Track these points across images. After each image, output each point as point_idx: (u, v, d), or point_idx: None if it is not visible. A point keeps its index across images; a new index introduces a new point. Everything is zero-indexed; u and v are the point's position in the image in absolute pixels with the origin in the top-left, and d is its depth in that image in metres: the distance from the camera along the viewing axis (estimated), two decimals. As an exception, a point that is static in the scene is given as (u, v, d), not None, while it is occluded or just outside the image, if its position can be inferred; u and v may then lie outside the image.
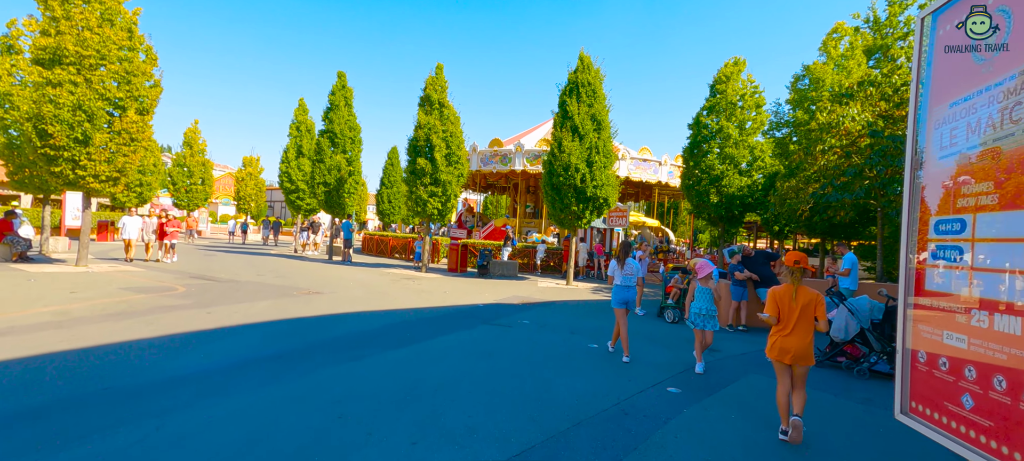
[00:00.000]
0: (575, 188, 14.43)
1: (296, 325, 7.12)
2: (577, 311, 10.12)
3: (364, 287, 11.73)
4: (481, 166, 22.61)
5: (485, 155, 22.45)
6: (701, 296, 5.56)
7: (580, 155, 14.27)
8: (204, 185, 28.74)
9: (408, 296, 10.79)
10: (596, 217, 15.06)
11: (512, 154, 21.87)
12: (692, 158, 15.18)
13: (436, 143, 15.42)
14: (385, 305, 9.40)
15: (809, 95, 16.90)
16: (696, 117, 15.31)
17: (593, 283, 16.20)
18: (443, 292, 11.84)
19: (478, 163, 22.62)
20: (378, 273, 15.33)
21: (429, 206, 15.68)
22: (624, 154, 21.80)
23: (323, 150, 18.06)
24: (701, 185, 14.67)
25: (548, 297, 12.05)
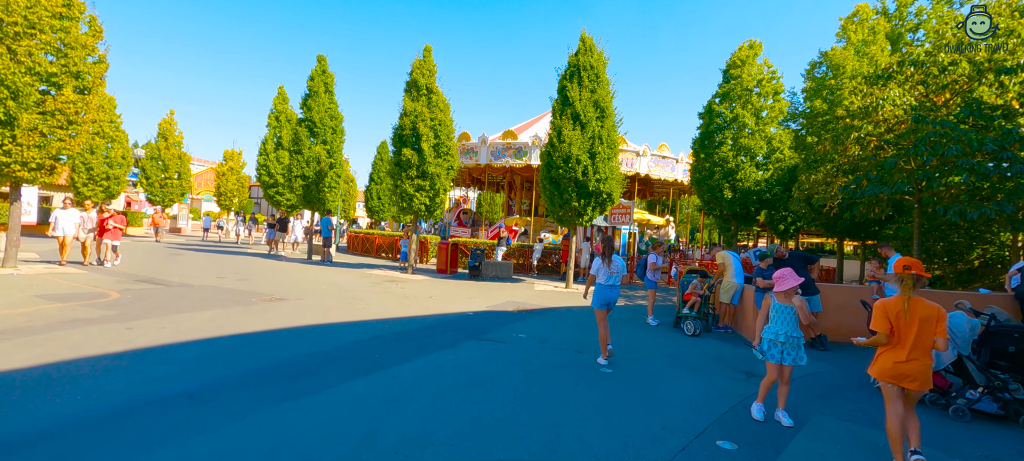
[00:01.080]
0: (576, 181, 13.09)
1: (237, 344, 5.72)
2: (581, 320, 8.79)
3: (338, 292, 10.33)
4: (491, 160, 21.08)
5: (496, 147, 20.88)
6: (782, 318, 4.22)
7: (581, 145, 12.94)
8: (180, 179, 27.13)
9: (387, 303, 9.40)
10: (598, 213, 13.74)
11: (528, 147, 20.33)
12: (703, 149, 13.90)
13: (423, 132, 14.02)
14: (356, 315, 8.01)
15: (827, 83, 15.67)
16: (708, 105, 14.02)
17: (594, 286, 14.88)
18: (428, 297, 10.46)
19: (488, 156, 21.09)
20: (358, 275, 13.91)
21: (416, 201, 14.28)
22: (645, 150, 20.52)
23: (301, 140, 16.58)
24: (713, 179, 13.40)
25: (546, 303, 10.71)
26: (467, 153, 21.47)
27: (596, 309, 5.65)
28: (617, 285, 5.59)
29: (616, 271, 5.58)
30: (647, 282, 9.12)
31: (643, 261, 9.27)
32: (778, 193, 12.83)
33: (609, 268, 5.59)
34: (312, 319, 7.38)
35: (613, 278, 5.57)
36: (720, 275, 8.58)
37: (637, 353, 6.54)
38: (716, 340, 7.77)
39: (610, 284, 5.56)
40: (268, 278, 11.68)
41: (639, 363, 5.99)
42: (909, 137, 9.00)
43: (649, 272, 9.07)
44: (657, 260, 9.05)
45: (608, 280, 5.56)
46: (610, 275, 5.57)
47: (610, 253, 5.62)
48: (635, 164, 20.64)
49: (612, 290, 5.57)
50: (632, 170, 20.39)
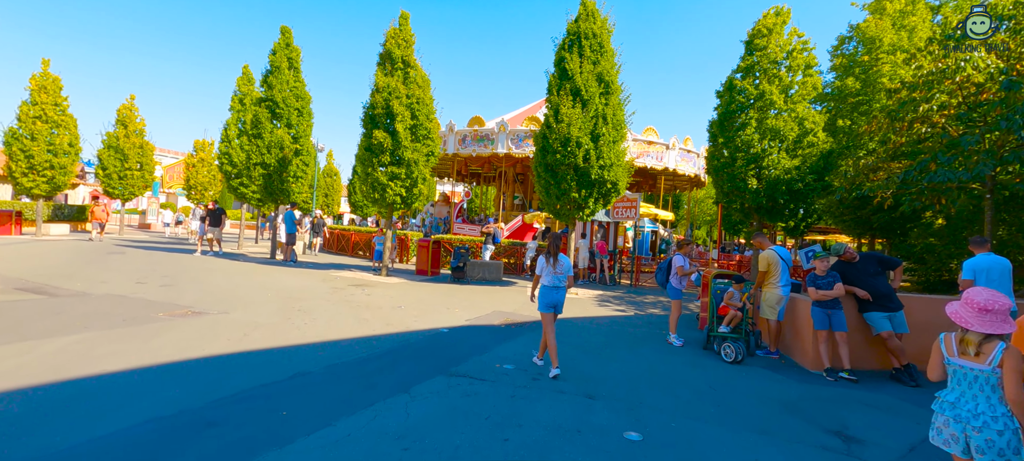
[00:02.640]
0: (576, 168, 11.17)
1: (53, 401, 3.74)
2: (586, 340, 6.88)
3: (281, 302, 8.34)
4: (458, 149, 19.20)
5: (464, 136, 19.02)
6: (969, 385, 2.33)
7: (583, 126, 11.01)
8: (143, 171, 24.88)
9: (339, 317, 7.44)
10: (602, 206, 11.84)
11: (495, 134, 18.43)
12: (722, 133, 12.01)
13: (398, 111, 12.02)
14: (287, 337, 6.04)
15: (860, 60, 13.86)
16: (727, 81, 12.13)
17: (596, 289, 12.99)
18: (396, 307, 8.50)
19: (455, 145, 19.21)
20: (320, 278, 11.91)
21: (389, 192, 12.29)
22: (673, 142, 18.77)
23: (261, 123, 14.51)
24: (734, 166, 11.52)
25: (541, 314, 8.79)
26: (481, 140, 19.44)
27: (542, 313, 5.17)
28: (562, 286, 5.18)
29: (562, 271, 5.16)
30: (671, 290, 7.22)
31: (666, 264, 7.34)
32: (811, 182, 10.98)
33: (554, 268, 5.13)
34: (219, 346, 5.39)
35: (558, 278, 5.15)
36: (762, 281, 6.69)
37: (672, 396, 4.63)
38: (767, 370, 5.89)
39: (555, 285, 5.13)
40: (202, 284, 9.65)
41: (679, 417, 4.08)
42: (998, 108, 7.15)
43: (674, 278, 7.18)
44: (684, 263, 7.15)
45: (553, 281, 5.13)
46: (555, 275, 5.13)
47: (556, 251, 5.17)
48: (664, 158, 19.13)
49: (558, 292, 5.15)
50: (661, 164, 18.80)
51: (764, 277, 6.64)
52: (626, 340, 7.18)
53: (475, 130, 18.79)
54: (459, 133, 18.98)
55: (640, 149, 19.06)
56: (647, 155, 19.23)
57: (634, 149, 18.84)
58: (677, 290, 7.18)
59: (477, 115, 19.34)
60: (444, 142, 19.39)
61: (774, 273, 6.56)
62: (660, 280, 7.29)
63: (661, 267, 7.29)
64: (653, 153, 19.34)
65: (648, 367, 5.72)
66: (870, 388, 5.29)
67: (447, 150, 19.09)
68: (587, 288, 13.21)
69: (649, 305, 10.97)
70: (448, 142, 19.17)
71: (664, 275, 7.26)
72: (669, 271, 7.22)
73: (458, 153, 19.05)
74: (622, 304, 10.84)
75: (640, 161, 19.19)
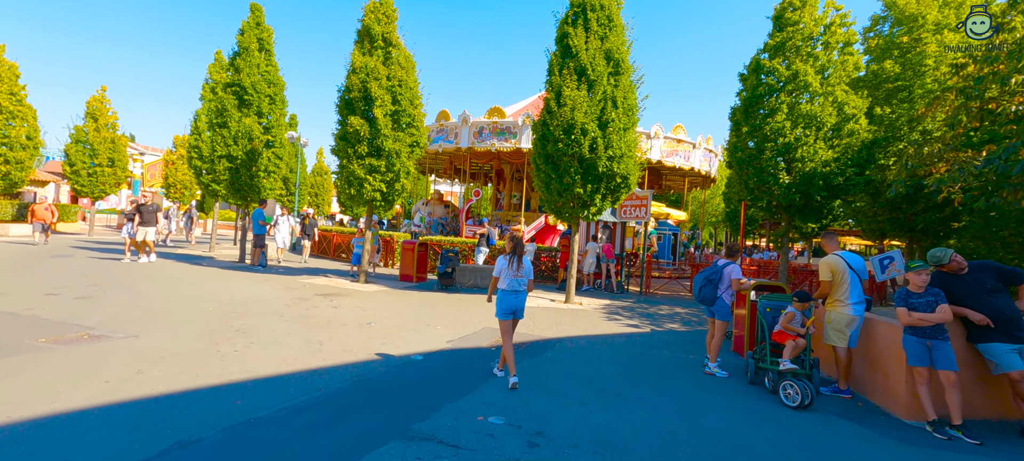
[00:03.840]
0: (581, 159, 9.66)
1: None
2: (596, 370, 5.36)
3: (219, 320, 6.79)
4: (474, 143, 17.48)
5: (481, 127, 17.31)
6: None
7: (589, 110, 9.50)
8: (115, 168, 23.28)
9: (287, 340, 5.90)
10: (610, 204, 10.34)
11: (518, 128, 16.74)
12: (747, 120, 10.52)
13: (376, 95, 10.49)
14: (202, 375, 4.50)
15: (898, 41, 12.39)
16: (753, 62, 10.64)
17: (602, 298, 11.47)
18: (364, 325, 6.97)
19: (470, 139, 17.51)
20: (285, 286, 10.37)
21: (367, 187, 10.75)
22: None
23: (226, 111, 12.94)
24: (762, 158, 10.02)
25: (541, 330, 7.26)
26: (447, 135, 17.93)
27: (500, 319, 4.84)
28: (522, 290, 4.86)
29: (523, 275, 4.83)
30: (721, 308, 5.70)
31: (714, 275, 5.76)
32: (851, 177, 9.47)
33: (516, 271, 4.79)
34: (86, 394, 3.86)
35: (518, 282, 4.82)
36: (825, 295, 5.17)
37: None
38: (847, 420, 4.37)
39: (514, 289, 4.80)
40: (132, 296, 8.10)
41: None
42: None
43: (727, 293, 5.65)
44: (738, 273, 5.62)
45: (511, 284, 4.79)
46: (515, 279, 4.80)
47: (519, 253, 4.82)
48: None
49: (518, 296, 4.83)
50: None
51: (828, 291, 5.11)
52: (649, 370, 5.66)
53: (495, 122, 17.16)
54: (475, 124, 17.22)
55: (670, 147, 17.68)
56: (676, 154, 17.89)
57: (664, 147, 17.43)
58: (728, 308, 5.67)
59: (496, 106, 17.66)
60: (457, 135, 17.82)
61: (842, 286, 5.03)
62: (705, 295, 5.76)
63: (708, 279, 5.75)
64: (681, 152, 18.04)
65: (686, 416, 4.20)
66: (1002, 455, 3.77)
67: (461, 144, 17.43)
68: (592, 297, 11.69)
69: (665, 318, 9.46)
70: (461, 135, 17.49)
71: (712, 289, 5.72)
72: (719, 284, 5.68)
73: (474, 147, 17.30)
74: (634, 317, 9.33)
75: (669, 160, 17.80)
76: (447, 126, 17.93)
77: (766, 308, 5.33)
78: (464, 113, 17.33)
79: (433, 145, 18.17)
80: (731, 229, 31.77)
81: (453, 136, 17.72)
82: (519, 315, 4.87)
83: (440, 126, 18.10)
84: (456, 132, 17.61)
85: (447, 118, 18.05)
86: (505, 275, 4.78)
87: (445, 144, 18.01)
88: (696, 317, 9.84)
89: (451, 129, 17.80)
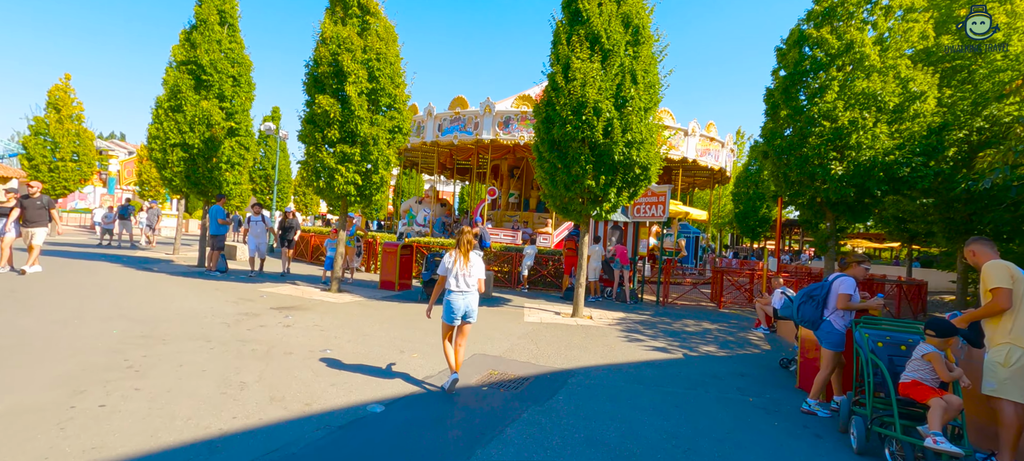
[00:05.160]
0: (593, 145, 8.03)
1: None
2: (636, 424, 3.73)
3: (109, 350, 5.10)
4: (438, 136, 15.96)
5: (444, 120, 15.78)
6: None
7: (604, 86, 7.86)
8: (79, 162, 21.53)
9: (192, 382, 4.23)
10: (626, 199, 8.70)
11: (479, 117, 15.18)
12: (787, 103, 8.94)
13: (350, 70, 8.83)
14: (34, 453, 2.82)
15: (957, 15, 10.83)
16: (793, 34, 9.08)
17: (614, 310, 9.82)
18: (315, 355, 5.30)
19: (434, 132, 15.98)
20: (237, 296, 8.68)
21: (338, 179, 9.09)
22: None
23: (181, 92, 11.24)
24: (806, 145, 8.43)
25: (547, 357, 5.60)
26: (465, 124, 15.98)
27: (448, 323, 4.30)
28: (472, 290, 4.31)
29: (473, 274, 4.31)
30: (829, 334, 4.11)
31: (814, 291, 4.13)
32: (919, 166, 7.88)
33: (466, 268, 4.27)
34: None
35: (468, 281, 4.27)
36: (988, 316, 3.51)
37: None
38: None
39: (462, 290, 4.26)
40: (18, 309, 6.41)
41: None
42: None
43: (836, 316, 4.04)
44: (848, 287, 4.00)
45: (463, 285, 4.26)
46: (464, 277, 4.26)
47: (466, 248, 4.30)
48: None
49: (466, 297, 4.28)
50: None
51: (993, 315, 3.42)
52: (703, 424, 4.01)
53: (524, 112, 15.54)
54: (501, 114, 15.48)
55: (703, 146, 16.20)
56: (708, 153, 16.46)
57: (698, 146, 15.90)
58: (840, 335, 4.04)
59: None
60: (477, 125, 16.15)
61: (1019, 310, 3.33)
62: (806, 315, 4.14)
63: (809, 295, 4.14)
64: (713, 151, 16.66)
65: None
66: None
67: (482, 135, 15.59)
68: (601, 308, 10.04)
69: (695, 337, 7.82)
70: (482, 124, 15.74)
71: (814, 308, 4.10)
72: (825, 303, 4.06)
73: (498, 138, 15.56)
74: (657, 336, 7.68)
75: (703, 160, 16.31)
76: (465, 115, 15.97)
77: (877, 341, 3.70)
78: (487, 100, 15.50)
79: (446, 136, 16.24)
80: (741, 230, 30.21)
81: (472, 126, 15.79)
82: (470, 318, 4.38)
83: (455, 114, 16.14)
84: (476, 121, 15.70)
85: (465, 105, 16.15)
86: (452, 276, 4.26)
87: (462, 135, 15.99)
88: (731, 335, 8.20)
89: (470, 118, 15.87)
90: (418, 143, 17.01)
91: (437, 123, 16.59)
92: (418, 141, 16.97)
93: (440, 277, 4.36)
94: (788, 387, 5.33)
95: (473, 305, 4.37)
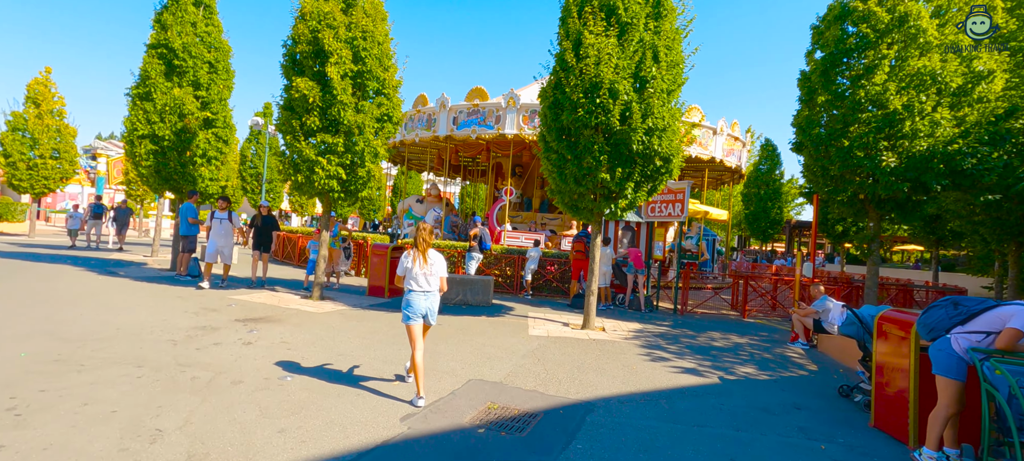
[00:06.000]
0: (608, 133, 6.99)
1: None
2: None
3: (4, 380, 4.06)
4: (453, 129, 14.76)
5: (460, 112, 14.58)
6: None
7: (621, 65, 6.82)
8: (60, 160, 20.53)
9: (79, 442, 3.18)
10: (645, 194, 7.63)
11: (501, 110, 13.97)
12: (826, 87, 7.89)
13: (332, 49, 7.80)
14: None
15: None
16: (834, 8, 8.04)
17: (628, 320, 8.75)
18: (269, 385, 4.25)
19: (448, 125, 14.80)
20: (199, 305, 7.64)
21: (319, 173, 8.05)
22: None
23: (151, 78, 10.22)
24: (848, 135, 7.38)
25: (558, 383, 4.54)
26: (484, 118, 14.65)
27: (408, 324, 4.07)
28: (432, 290, 4.13)
29: (434, 273, 4.12)
30: (945, 355, 3.09)
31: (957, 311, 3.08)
32: (986, 157, 6.82)
33: (425, 267, 4.07)
34: None
35: (430, 279, 4.10)
36: None
37: None
38: None
39: (423, 289, 4.08)
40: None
41: None
42: None
43: (961, 335, 3.02)
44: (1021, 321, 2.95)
45: (424, 284, 4.08)
46: (425, 276, 4.07)
47: (426, 246, 4.12)
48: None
49: (427, 297, 4.10)
50: None
51: None
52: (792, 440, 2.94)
53: (475, 105, 14.34)
54: (526, 106, 14.25)
55: (729, 145, 15.22)
56: (733, 153, 15.56)
57: (724, 145, 14.89)
58: (959, 360, 3.02)
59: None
60: (433, 121, 15.09)
61: None
62: (933, 321, 3.10)
63: (956, 305, 3.11)
64: (736, 151, 15.75)
65: None
66: None
67: (505, 129, 14.27)
68: (614, 318, 8.98)
69: (725, 354, 6.74)
70: (505, 119, 14.48)
71: (948, 317, 3.06)
72: (970, 320, 3.02)
73: (522, 134, 14.31)
74: (682, 352, 6.62)
75: (729, 160, 15.36)
76: (486, 107, 14.70)
77: None
78: (511, 92, 14.26)
79: (462, 130, 14.89)
80: (751, 231, 29.11)
81: (493, 119, 14.55)
82: (430, 320, 4.19)
83: (474, 106, 14.84)
84: (498, 114, 14.44)
85: (485, 97, 14.81)
86: (411, 275, 4.09)
87: (482, 129, 14.68)
88: (766, 350, 7.13)
89: (491, 111, 14.62)
90: (429, 138, 15.66)
91: (451, 116, 15.17)
92: (429, 135, 15.61)
93: (399, 277, 4.14)
94: (860, 426, 4.27)
95: (434, 306, 4.17)
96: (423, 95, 16.21)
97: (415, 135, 16.02)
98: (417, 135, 15.95)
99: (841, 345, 6.77)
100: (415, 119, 16.18)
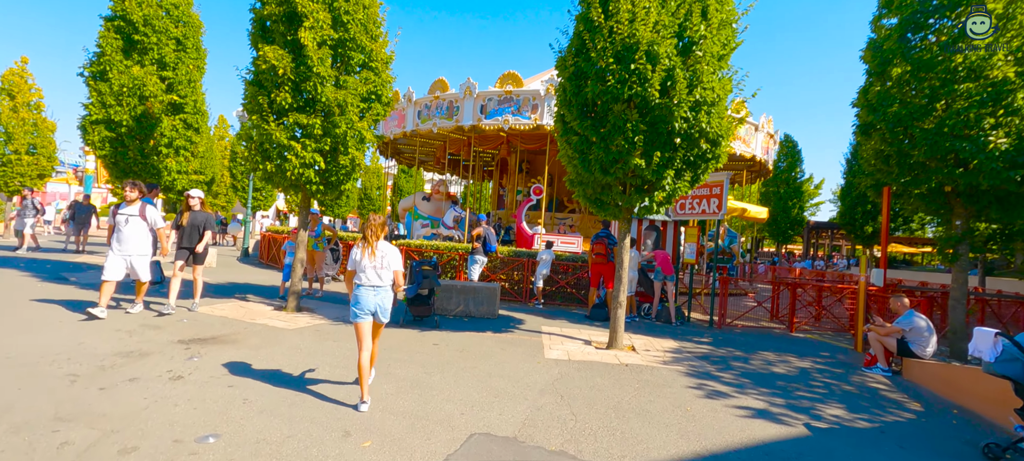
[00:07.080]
0: (644, 107, 5.60)
1: None
2: None
3: None
4: (481, 119, 13.20)
5: (489, 100, 13.03)
6: None
7: (663, 22, 5.44)
8: (37, 157, 19.35)
9: None
10: (687, 185, 6.23)
11: (539, 98, 12.41)
12: (904, 58, 6.49)
13: (307, 11, 6.46)
14: None
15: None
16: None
17: (658, 336, 7.35)
18: (182, 448, 2.87)
19: (475, 115, 13.25)
20: (141, 320, 6.32)
21: (292, 159, 6.71)
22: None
23: (107, 55, 8.93)
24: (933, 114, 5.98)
25: (592, 441, 3.19)
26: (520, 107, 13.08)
27: (357, 322, 3.76)
28: (384, 285, 3.80)
29: (385, 266, 3.79)
30: None
31: None
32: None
33: (374, 260, 3.76)
34: None
35: (381, 273, 3.77)
36: None
37: None
38: None
39: (373, 284, 3.77)
40: None
41: None
42: None
43: None
44: None
45: (374, 278, 3.77)
46: (376, 270, 3.76)
47: (374, 238, 3.80)
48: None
49: (378, 293, 3.78)
50: None
51: None
52: None
53: (507, 92, 12.79)
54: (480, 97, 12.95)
55: (766, 143, 13.96)
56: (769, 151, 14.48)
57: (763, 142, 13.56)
58: None
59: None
60: (455, 109, 13.63)
61: None
62: None
63: None
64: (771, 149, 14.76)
65: None
66: None
67: (542, 120, 12.69)
68: (642, 332, 7.58)
69: (791, 382, 5.33)
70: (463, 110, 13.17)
71: None
72: None
73: (480, 124, 13.04)
74: (739, 381, 5.22)
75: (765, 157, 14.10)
76: (520, 95, 13.06)
77: None
78: (552, 77, 12.61)
79: (492, 119, 13.25)
80: (770, 233, 27.61)
81: (529, 108, 12.92)
82: (380, 318, 3.83)
83: (506, 93, 13.27)
84: (535, 102, 12.78)
85: (519, 83, 13.19)
86: (362, 269, 3.75)
87: (518, 119, 13.09)
88: (841, 378, 5.71)
89: (527, 98, 12.98)
90: (451, 127, 14.13)
91: (479, 103, 13.64)
92: (451, 124, 14.08)
93: (348, 271, 3.88)
94: None
95: (385, 303, 3.85)
96: (442, 79, 14.68)
97: (433, 124, 14.46)
98: (436, 124, 14.37)
99: (942, 375, 5.36)
100: (432, 107, 14.65)
